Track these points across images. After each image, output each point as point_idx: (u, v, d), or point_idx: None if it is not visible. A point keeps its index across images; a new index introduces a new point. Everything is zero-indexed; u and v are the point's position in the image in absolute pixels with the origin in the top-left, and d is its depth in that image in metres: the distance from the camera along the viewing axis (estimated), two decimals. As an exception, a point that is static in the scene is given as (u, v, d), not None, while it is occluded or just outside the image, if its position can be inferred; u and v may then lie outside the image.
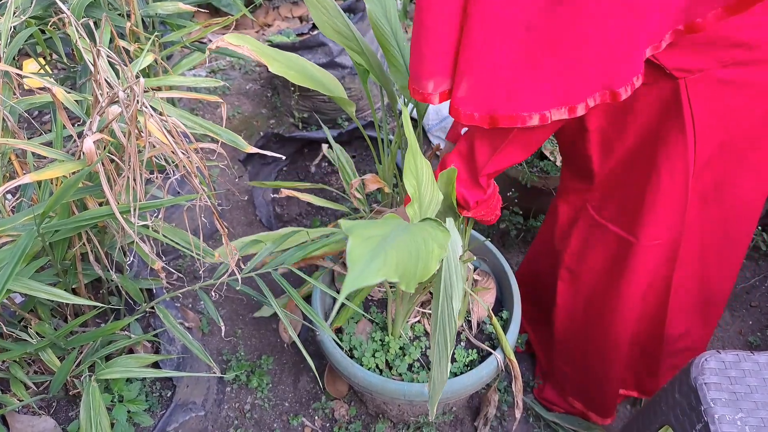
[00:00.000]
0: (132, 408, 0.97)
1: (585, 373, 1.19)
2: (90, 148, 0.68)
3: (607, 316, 1.06)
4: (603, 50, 0.70)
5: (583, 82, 0.72)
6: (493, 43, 0.71)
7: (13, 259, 0.71)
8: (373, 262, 0.49)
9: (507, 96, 0.73)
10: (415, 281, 0.53)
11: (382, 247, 0.51)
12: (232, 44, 0.77)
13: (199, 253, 0.87)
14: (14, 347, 0.94)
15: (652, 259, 0.97)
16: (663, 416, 0.83)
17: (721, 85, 0.79)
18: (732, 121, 0.83)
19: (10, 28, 0.94)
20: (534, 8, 0.67)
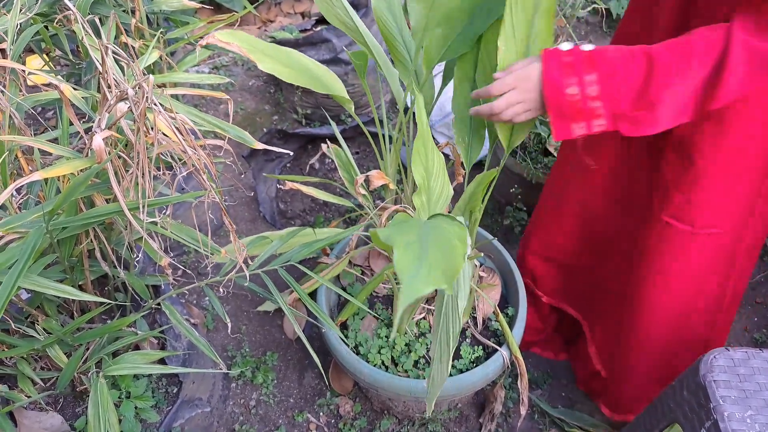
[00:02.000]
0: (139, 404, 0.97)
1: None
2: (99, 145, 0.68)
3: (702, 314, 1.03)
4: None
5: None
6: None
7: (23, 256, 0.71)
8: (420, 271, 0.49)
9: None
10: (451, 282, 0.53)
11: (423, 254, 0.51)
12: (221, 41, 0.77)
13: (206, 250, 0.87)
14: (22, 343, 0.94)
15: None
16: (671, 414, 0.83)
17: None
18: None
19: (16, 26, 0.94)
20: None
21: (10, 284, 0.70)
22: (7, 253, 0.76)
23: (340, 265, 1.13)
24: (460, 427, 1.32)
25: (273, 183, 1.78)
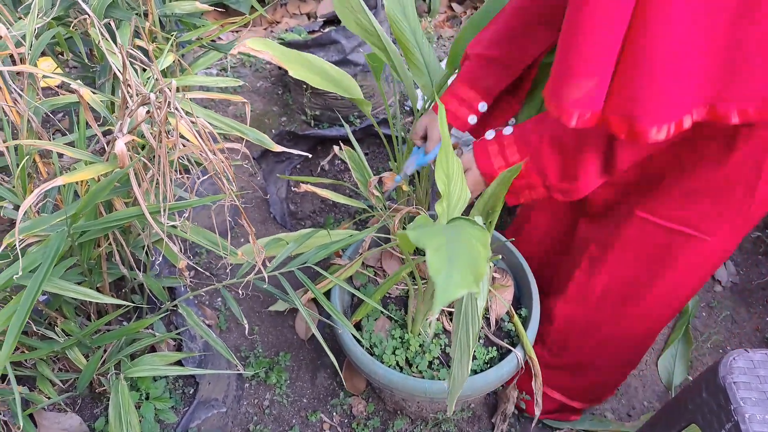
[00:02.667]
0: (158, 405, 0.98)
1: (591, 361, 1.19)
2: (122, 150, 0.69)
3: (643, 305, 1.06)
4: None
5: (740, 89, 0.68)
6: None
7: (47, 260, 0.72)
8: (452, 274, 0.50)
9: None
10: (479, 284, 0.54)
11: (453, 257, 0.52)
12: (254, 50, 0.78)
13: (225, 253, 0.88)
14: (42, 345, 0.95)
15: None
16: (689, 415, 0.84)
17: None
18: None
19: (34, 30, 0.94)
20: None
21: (34, 288, 0.70)
22: (30, 257, 0.76)
23: (354, 266, 1.14)
24: (472, 427, 1.32)
25: (283, 184, 1.79)
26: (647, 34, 0.64)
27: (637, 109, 0.68)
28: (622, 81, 0.68)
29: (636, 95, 0.67)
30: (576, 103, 0.70)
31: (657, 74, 0.65)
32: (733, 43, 0.65)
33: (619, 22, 0.64)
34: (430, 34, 2.61)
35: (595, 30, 0.65)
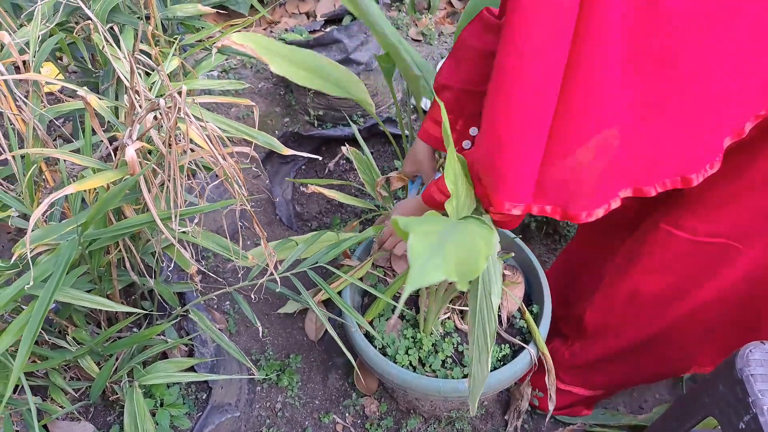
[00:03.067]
0: (173, 412, 0.97)
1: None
2: (132, 157, 0.69)
3: (674, 316, 1.04)
4: (683, 140, 0.69)
5: (659, 166, 0.72)
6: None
7: (58, 269, 0.72)
8: (432, 258, 0.48)
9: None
10: (468, 279, 0.53)
11: (441, 244, 0.50)
12: (236, 43, 0.77)
13: (235, 257, 0.88)
14: (54, 355, 0.95)
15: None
16: (705, 408, 0.83)
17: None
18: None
19: (38, 36, 0.94)
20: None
21: (46, 298, 0.70)
22: (40, 266, 0.76)
23: (365, 266, 1.13)
24: (485, 424, 1.32)
25: (289, 185, 1.78)
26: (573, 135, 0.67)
27: (566, 198, 0.71)
28: (550, 170, 0.69)
29: (563, 185, 0.70)
30: (509, 196, 0.71)
31: (584, 166, 0.68)
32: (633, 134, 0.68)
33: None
34: (431, 31, 2.60)
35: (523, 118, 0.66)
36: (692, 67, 0.66)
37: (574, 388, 1.26)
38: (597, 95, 0.65)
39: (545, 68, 0.62)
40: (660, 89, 0.66)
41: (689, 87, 0.67)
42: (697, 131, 0.70)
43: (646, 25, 0.63)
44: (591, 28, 0.60)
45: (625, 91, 0.65)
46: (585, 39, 0.61)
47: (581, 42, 0.61)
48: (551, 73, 0.63)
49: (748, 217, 0.88)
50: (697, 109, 0.68)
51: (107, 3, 1.07)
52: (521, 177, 0.70)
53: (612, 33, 0.61)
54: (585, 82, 0.63)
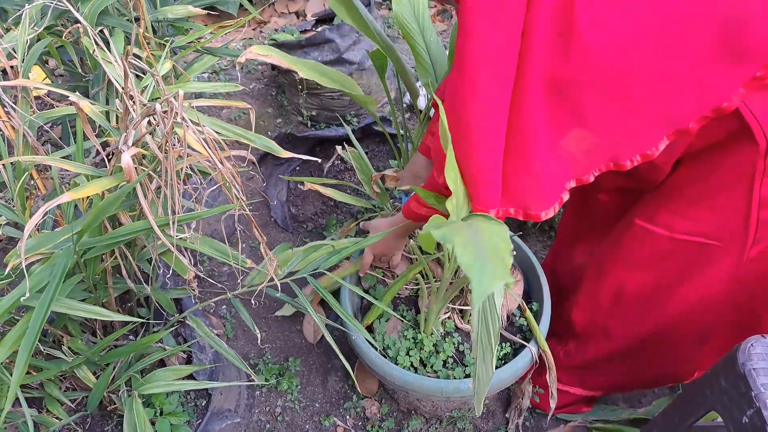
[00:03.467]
0: (173, 420, 0.96)
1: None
2: (128, 163, 0.67)
3: (663, 314, 1.04)
4: (604, 136, 0.77)
5: (590, 159, 0.79)
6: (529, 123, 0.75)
7: (54, 279, 0.70)
8: (485, 268, 0.49)
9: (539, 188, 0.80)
10: (504, 280, 0.53)
11: (481, 252, 0.51)
12: (260, 54, 0.77)
13: (234, 262, 0.86)
14: (50, 366, 0.93)
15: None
16: (708, 403, 0.83)
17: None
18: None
19: (26, 41, 0.92)
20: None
21: (43, 309, 0.69)
22: (35, 276, 0.74)
23: (357, 264, 1.13)
24: (487, 423, 1.32)
25: (283, 187, 1.77)
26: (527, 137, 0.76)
27: (525, 201, 0.80)
28: (509, 178, 0.78)
29: (523, 195, 0.80)
30: (485, 201, 0.79)
31: (537, 178, 0.78)
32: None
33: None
34: (420, 28, 2.60)
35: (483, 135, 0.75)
36: (623, 75, 0.73)
37: (571, 389, 1.26)
38: (535, 119, 0.74)
39: (496, 91, 0.71)
40: (576, 103, 0.75)
41: (605, 96, 0.74)
42: (623, 129, 0.76)
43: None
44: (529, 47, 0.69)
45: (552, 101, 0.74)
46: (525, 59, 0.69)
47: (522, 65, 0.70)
48: (502, 95, 0.71)
49: (725, 216, 0.88)
50: (621, 113, 0.75)
51: (96, 6, 1.05)
52: (488, 186, 0.78)
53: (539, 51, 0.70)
54: (528, 110, 0.73)
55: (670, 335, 1.05)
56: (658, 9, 0.71)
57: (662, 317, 1.03)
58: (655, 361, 1.12)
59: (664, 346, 1.08)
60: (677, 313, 1.01)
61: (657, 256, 0.97)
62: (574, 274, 1.19)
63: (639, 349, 1.11)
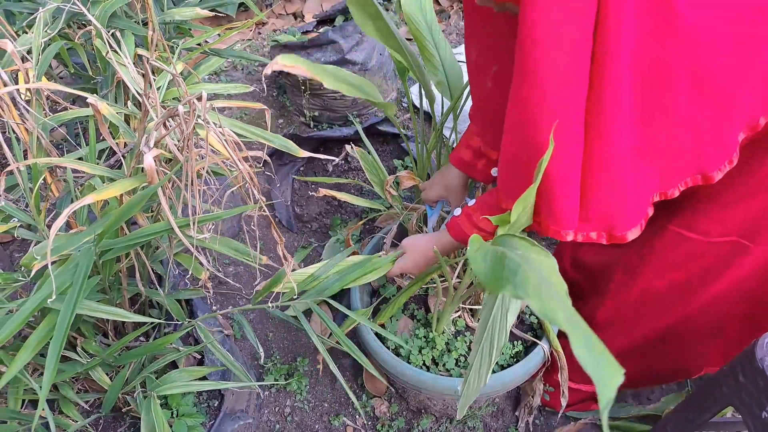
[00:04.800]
0: (189, 422, 0.96)
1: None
2: (151, 165, 0.67)
3: (685, 315, 1.04)
4: (694, 137, 0.70)
5: (678, 167, 0.73)
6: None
7: (78, 280, 0.70)
8: (585, 343, 0.47)
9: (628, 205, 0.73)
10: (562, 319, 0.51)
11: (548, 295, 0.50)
12: (287, 65, 0.77)
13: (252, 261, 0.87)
14: (65, 368, 0.93)
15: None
16: (725, 399, 0.84)
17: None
18: None
19: (40, 44, 0.92)
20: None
21: (69, 311, 0.68)
22: (57, 278, 0.74)
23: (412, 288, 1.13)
24: (497, 421, 1.32)
25: (288, 187, 1.77)
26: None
27: (611, 219, 0.73)
28: (588, 194, 0.71)
29: (608, 213, 0.72)
30: (565, 221, 0.72)
31: (624, 192, 0.71)
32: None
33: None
34: (420, 29, 2.60)
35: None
36: (715, 62, 0.67)
37: (582, 386, 1.27)
38: (618, 119, 0.66)
39: (570, 97, 0.64)
40: (667, 95, 0.68)
41: (698, 88, 0.68)
42: (711, 129, 0.71)
43: (658, 31, 0.64)
44: (607, 53, 0.61)
45: (637, 106, 0.67)
46: (602, 67, 0.62)
47: (599, 68, 0.62)
48: (577, 102, 0.64)
49: (758, 216, 0.88)
50: (710, 108, 0.69)
51: (107, 8, 1.05)
52: (568, 202, 0.71)
53: (624, 54, 0.62)
54: (611, 109, 0.64)
55: (686, 331, 1.06)
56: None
57: (685, 313, 1.03)
58: (667, 356, 1.13)
59: (677, 342, 1.09)
60: (699, 310, 1.01)
61: (691, 259, 0.97)
62: (591, 276, 1.19)
63: (652, 345, 1.11)
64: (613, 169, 0.68)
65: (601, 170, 0.69)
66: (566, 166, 0.68)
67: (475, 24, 0.84)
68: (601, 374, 0.41)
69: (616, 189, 0.70)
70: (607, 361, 0.42)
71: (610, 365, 0.42)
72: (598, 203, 0.71)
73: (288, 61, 0.77)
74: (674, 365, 1.16)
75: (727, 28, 0.66)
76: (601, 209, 0.72)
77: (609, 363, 0.42)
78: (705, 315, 1.02)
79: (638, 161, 0.70)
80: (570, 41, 0.60)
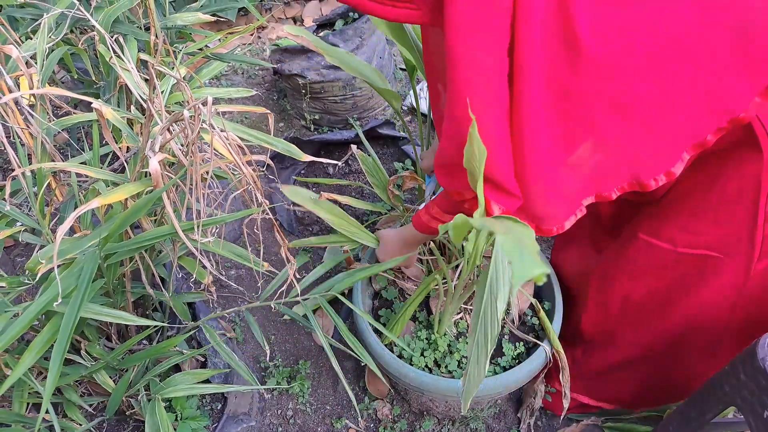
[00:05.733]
0: (193, 425, 0.96)
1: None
2: (156, 169, 0.68)
3: (667, 323, 1.04)
4: (624, 151, 0.74)
5: (610, 176, 0.77)
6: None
7: (83, 284, 0.71)
8: (524, 255, 0.50)
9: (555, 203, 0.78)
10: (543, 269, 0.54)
11: (519, 242, 0.53)
12: (291, 35, 0.79)
13: (255, 266, 0.87)
14: (70, 371, 0.93)
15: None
16: (726, 399, 0.84)
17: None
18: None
19: (45, 50, 0.92)
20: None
21: (73, 314, 0.69)
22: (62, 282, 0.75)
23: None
24: (499, 423, 1.33)
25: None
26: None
27: (537, 215, 0.78)
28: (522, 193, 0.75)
29: (536, 210, 0.77)
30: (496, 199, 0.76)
31: (552, 195, 0.76)
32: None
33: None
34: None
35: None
36: (633, 89, 0.70)
37: (579, 397, 1.26)
38: (538, 135, 0.70)
39: (495, 114, 0.68)
40: (586, 117, 0.71)
41: (620, 113, 0.71)
42: (643, 145, 0.74)
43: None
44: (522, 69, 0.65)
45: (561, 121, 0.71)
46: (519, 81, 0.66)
47: (517, 83, 0.66)
48: (500, 116, 0.69)
49: (725, 229, 0.88)
50: (636, 130, 0.72)
51: (110, 14, 1.06)
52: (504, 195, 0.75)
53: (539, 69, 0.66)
54: (529, 126, 0.69)
55: (677, 347, 1.05)
56: (664, 16, 0.67)
57: (668, 326, 1.03)
58: (664, 375, 1.13)
59: (672, 359, 1.09)
60: (682, 323, 1.01)
61: (662, 267, 0.98)
62: (578, 279, 1.20)
63: (646, 361, 1.11)
64: (535, 176, 0.73)
65: (529, 176, 0.73)
66: (499, 162, 0.71)
67: (428, 52, 0.88)
68: (522, 260, 0.48)
69: (544, 192, 0.75)
70: (527, 253, 0.48)
71: (531, 258, 0.48)
72: (527, 201, 0.76)
73: (294, 31, 0.79)
74: (672, 383, 1.14)
75: (644, 59, 0.68)
76: (529, 206, 0.77)
77: (530, 257, 0.48)
78: (694, 329, 1.01)
79: (563, 169, 0.74)
80: (485, 62, 0.65)
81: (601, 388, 1.24)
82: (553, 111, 0.69)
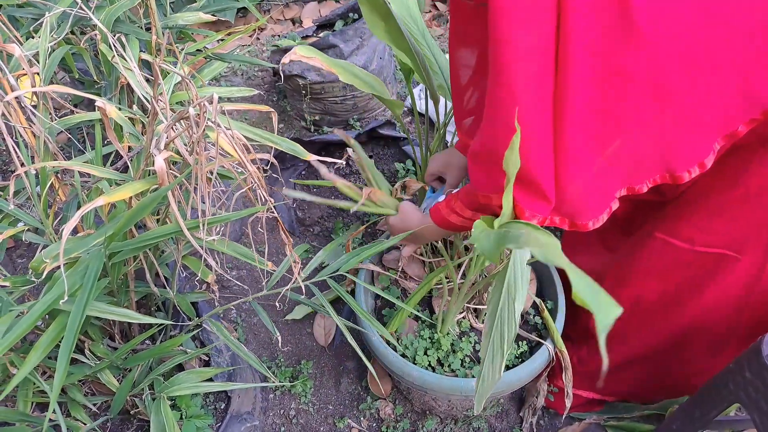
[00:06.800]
0: (198, 423, 0.96)
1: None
2: (161, 167, 0.68)
3: (677, 323, 1.04)
4: (658, 140, 0.72)
5: (643, 166, 0.75)
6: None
7: (88, 283, 0.71)
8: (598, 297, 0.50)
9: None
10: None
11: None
12: (304, 56, 0.78)
13: (259, 265, 0.87)
14: (74, 370, 0.93)
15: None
16: (731, 396, 0.85)
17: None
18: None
19: (47, 48, 0.92)
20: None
21: (79, 313, 0.69)
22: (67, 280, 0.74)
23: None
24: (501, 422, 1.33)
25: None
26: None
27: (573, 209, 0.75)
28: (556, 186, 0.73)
29: (570, 202, 0.74)
30: (529, 205, 0.74)
31: (586, 184, 0.73)
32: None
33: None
34: (418, 33, 2.62)
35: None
36: (676, 74, 0.68)
37: (583, 392, 1.27)
38: (578, 118, 0.68)
39: (537, 95, 0.66)
40: (627, 101, 0.69)
41: (658, 99, 0.69)
42: (677, 134, 0.73)
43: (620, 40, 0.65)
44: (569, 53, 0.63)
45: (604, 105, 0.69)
46: (566, 61, 0.64)
47: (563, 65, 0.64)
48: (543, 99, 0.66)
49: (743, 227, 0.88)
50: (673, 117, 0.71)
51: (112, 13, 1.06)
52: (537, 192, 0.73)
53: (585, 49, 0.64)
54: (571, 108, 0.67)
55: (684, 345, 1.06)
56: (706, 5, 0.66)
57: (678, 325, 1.03)
58: (668, 371, 1.13)
59: (677, 356, 1.09)
60: (692, 322, 1.01)
61: (676, 266, 0.97)
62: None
63: (652, 357, 1.11)
64: (571, 163, 0.71)
65: (563, 164, 0.71)
66: (538, 157, 0.70)
67: (458, 24, 0.85)
68: (599, 304, 0.45)
69: (577, 181, 0.72)
70: (602, 293, 0.46)
71: (606, 298, 0.46)
72: (562, 194, 0.73)
73: (305, 52, 0.79)
74: (675, 380, 1.15)
75: (685, 46, 0.67)
76: (565, 200, 0.74)
77: (605, 296, 0.46)
78: (700, 327, 1.02)
79: (598, 158, 0.72)
80: (532, 43, 0.63)
81: (607, 384, 1.24)
82: (599, 95, 0.67)
